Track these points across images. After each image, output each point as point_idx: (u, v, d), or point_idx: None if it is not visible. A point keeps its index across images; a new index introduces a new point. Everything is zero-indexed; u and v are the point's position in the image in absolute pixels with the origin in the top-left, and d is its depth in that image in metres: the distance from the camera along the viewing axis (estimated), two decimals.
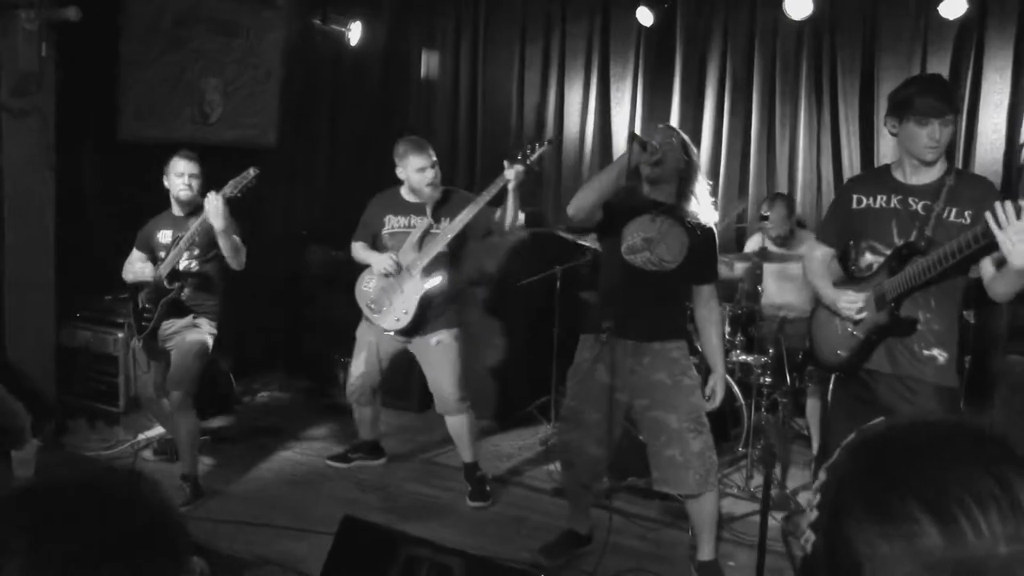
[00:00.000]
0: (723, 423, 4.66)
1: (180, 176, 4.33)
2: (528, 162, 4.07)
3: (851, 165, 5.63)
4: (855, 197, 3.05)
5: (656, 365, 3.38)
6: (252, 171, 4.11)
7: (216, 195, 4.03)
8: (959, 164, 5.18)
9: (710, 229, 3.48)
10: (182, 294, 4.29)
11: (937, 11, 4.97)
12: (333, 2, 6.62)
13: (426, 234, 4.30)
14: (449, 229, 4.24)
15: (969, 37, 5.23)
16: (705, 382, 3.54)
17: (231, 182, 4.11)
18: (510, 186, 4.06)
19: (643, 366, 3.39)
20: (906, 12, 5.37)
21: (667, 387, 3.36)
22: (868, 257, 3.01)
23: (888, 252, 2.93)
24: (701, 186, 3.46)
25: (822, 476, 0.83)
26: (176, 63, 5.59)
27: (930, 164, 2.87)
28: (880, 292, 2.91)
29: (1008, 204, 2.44)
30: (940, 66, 5.29)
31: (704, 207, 3.45)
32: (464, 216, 4.17)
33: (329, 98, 7.07)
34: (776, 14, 5.55)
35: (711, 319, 3.54)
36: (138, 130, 5.41)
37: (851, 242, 3.14)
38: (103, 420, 5.14)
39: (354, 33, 6.80)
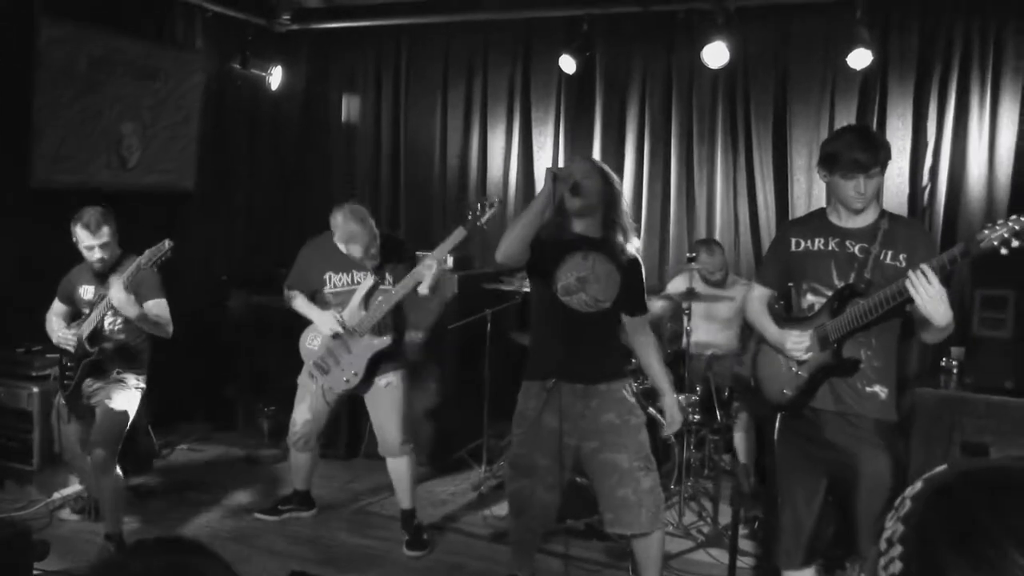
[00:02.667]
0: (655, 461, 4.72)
1: (89, 250, 4.06)
2: (479, 223, 4.07)
3: (766, 207, 5.86)
4: (793, 240, 3.15)
5: (604, 406, 3.40)
6: (167, 243, 3.86)
7: (119, 283, 3.82)
8: None
9: (636, 260, 3.52)
10: (103, 356, 4.12)
11: (844, 61, 5.23)
12: (253, 46, 6.57)
13: (372, 292, 4.26)
14: (398, 291, 4.19)
15: (873, 86, 5.54)
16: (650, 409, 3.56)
17: (148, 252, 3.86)
18: (428, 276, 4.06)
19: (591, 409, 3.40)
20: (815, 62, 5.66)
21: (616, 427, 3.39)
22: (809, 298, 3.10)
23: (829, 293, 3.03)
24: (625, 215, 3.49)
25: (896, 527, 0.86)
26: (93, 107, 5.45)
27: (859, 212, 3.00)
28: (823, 333, 3.01)
29: (921, 270, 2.64)
30: (847, 113, 5.58)
31: (630, 236, 3.50)
32: (414, 276, 4.13)
33: (248, 142, 6.99)
34: (693, 62, 5.76)
35: (648, 344, 3.56)
36: (53, 176, 5.24)
37: (791, 283, 3.23)
38: (14, 479, 4.88)
39: (275, 77, 6.77)
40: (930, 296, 2.63)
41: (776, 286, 3.30)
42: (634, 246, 3.52)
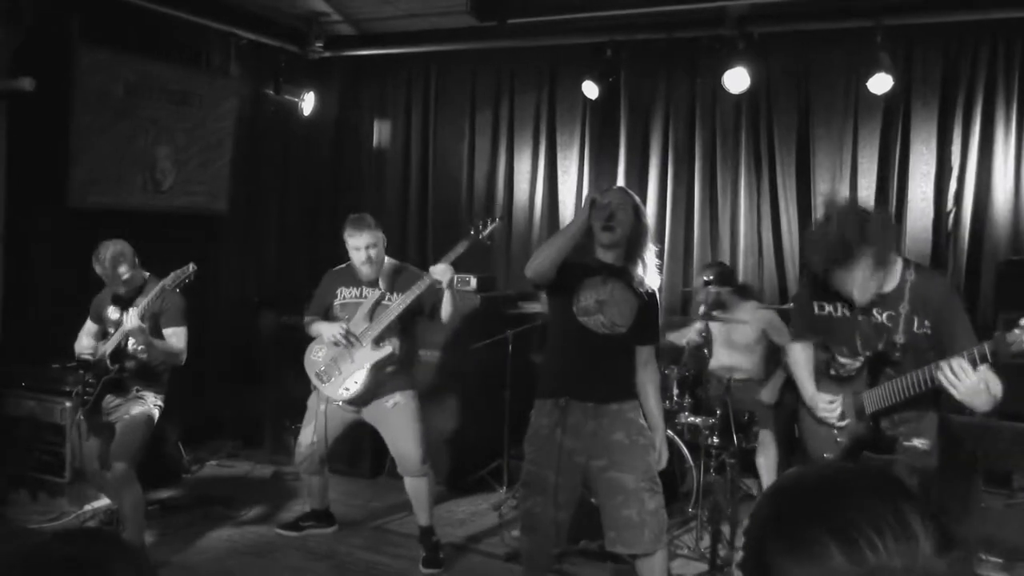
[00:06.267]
0: (672, 484, 4.72)
1: (107, 280, 4.23)
2: (481, 237, 4.22)
3: (790, 231, 5.85)
4: (816, 304, 3.12)
5: (614, 425, 3.44)
6: (192, 267, 4.06)
7: (135, 314, 3.99)
8: None
9: (654, 293, 3.58)
10: (124, 374, 4.26)
11: (866, 87, 5.23)
12: (286, 72, 6.74)
13: (377, 304, 4.36)
14: (400, 301, 4.29)
15: (896, 111, 5.53)
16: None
17: (172, 275, 4.06)
18: (442, 284, 4.17)
19: (602, 427, 3.44)
20: (838, 88, 5.66)
21: (624, 447, 3.42)
22: (841, 359, 3.09)
23: (854, 360, 3.00)
24: (649, 250, 3.55)
25: (746, 522, 0.92)
26: (128, 131, 5.63)
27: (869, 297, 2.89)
28: (859, 404, 2.98)
29: (956, 365, 2.56)
30: (870, 138, 5.57)
31: (650, 271, 3.55)
32: (415, 290, 4.24)
33: (281, 165, 7.16)
34: (716, 87, 5.80)
35: (651, 379, 3.61)
36: (88, 197, 5.41)
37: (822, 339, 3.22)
38: (46, 491, 5.01)
39: (307, 103, 6.93)
40: (968, 389, 2.56)
41: (811, 339, 3.29)
42: (654, 282, 3.56)
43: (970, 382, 2.54)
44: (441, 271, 4.15)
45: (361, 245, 4.32)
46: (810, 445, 3.21)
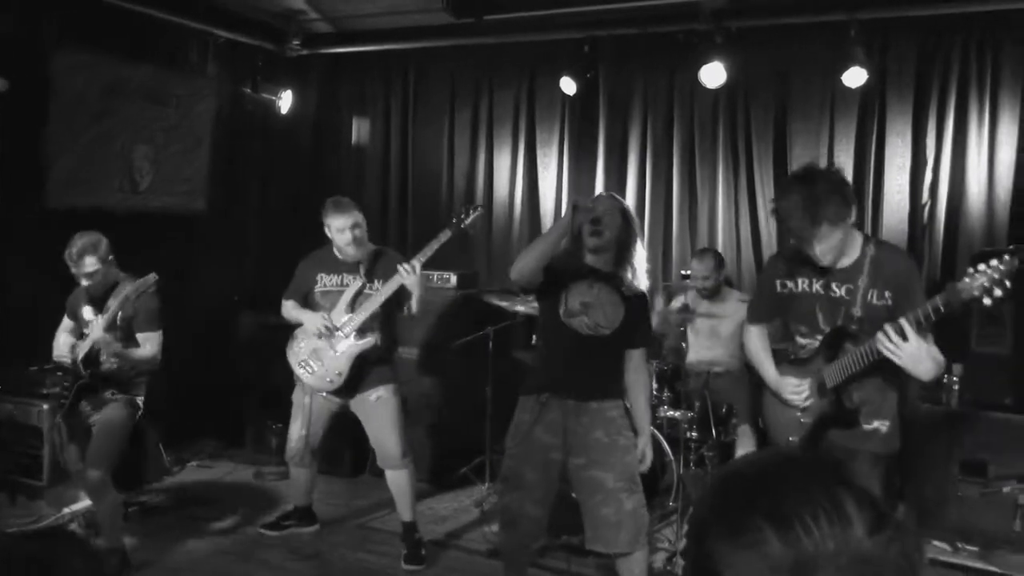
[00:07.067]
0: (652, 478, 4.74)
1: (76, 276, 4.16)
2: (463, 226, 4.22)
3: (768, 225, 5.88)
4: (778, 282, 3.16)
5: (594, 424, 3.46)
6: (153, 276, 4.02)
7: (101, 325, 3.96)
8: (868, 226, 5.46)
9: (643, 295, 3.61)
10: (96, 378, 4.21)
11: (841, 80, 5.26)
12: (263, 71, 6.71)
13: (359, 294, 4.36)
14: (383, 291, 4.30)
15: (872, 104, 5.56)
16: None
17: (132, 286, 4.00)
18: (407, 282, 4.20)
19: (582, 425, 3.46)
20: (814, 81, 5.69)
21: (604, 446, 3.44)
22: (799, 339, 3.12)
23: (813, 339, 3.03)
24: (639, 255, 3.57)
25: (691, 510, 0.94)
26: (106, 132, 5.60)
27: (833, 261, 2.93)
28: (820, 380, 3.02)
29: (892, 329, 2.62)
30: (846, 131, 5.61)
31: (639, 276, 3.57)
32: (398, 279, 4.24)
33: (260, 164, 7.12)
34: (693, 82, 5.81)
35: (640, 382, 3.64)
36: (65, 198, 5.38)
37: (782, 319, 3.26)
38: (25, 494, 4.99)
39: (284, 101, 6.90)
40: (908, 354, 2.59)
41: (769, 321, 3.34)
42: (643, 286, 3.59)
43: (910, 347, 2.57)
44: (409, 271, 4.20)
45: (346, 226, 4.30)
46: (774, 432, 3.24)
